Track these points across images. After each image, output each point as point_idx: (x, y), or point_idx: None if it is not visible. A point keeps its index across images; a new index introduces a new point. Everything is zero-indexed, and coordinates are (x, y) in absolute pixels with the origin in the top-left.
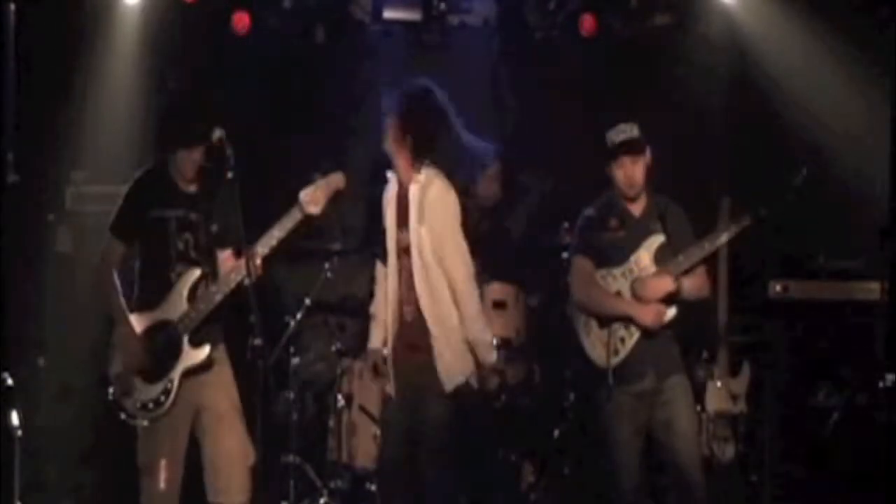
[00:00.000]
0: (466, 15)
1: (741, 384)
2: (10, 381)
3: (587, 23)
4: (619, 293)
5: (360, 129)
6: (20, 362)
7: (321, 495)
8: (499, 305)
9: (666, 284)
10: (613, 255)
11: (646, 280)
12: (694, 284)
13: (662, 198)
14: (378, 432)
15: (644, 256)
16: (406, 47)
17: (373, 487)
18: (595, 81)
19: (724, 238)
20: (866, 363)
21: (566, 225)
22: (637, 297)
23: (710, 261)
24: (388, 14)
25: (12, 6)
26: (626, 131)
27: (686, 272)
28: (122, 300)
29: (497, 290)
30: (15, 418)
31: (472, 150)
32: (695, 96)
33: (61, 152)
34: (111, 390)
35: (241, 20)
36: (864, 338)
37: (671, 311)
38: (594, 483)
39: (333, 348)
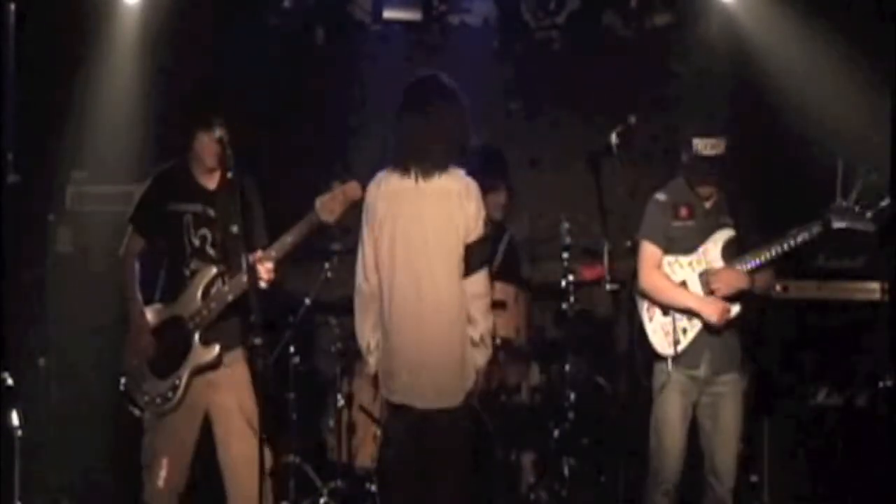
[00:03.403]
0: (466, 15)
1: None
2: (10, 381)
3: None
4: (684, 282)
5: (360, 129)
6: (20, 362)
7: (321, 495)
8: (499, 305)
9: (741, 281)
10: (682, 243)
11: (720, 273)
12: (764, 280)
13: (732, 190)
14: (378, 432)
15: (712, 248)
16: (406, 47)
17: (373, 487)
18: (594, 82)
19: (793, 243)
20: (866, 363)
21: (566, 225)
22: (709, 288)
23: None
24: (388, 14)
25: (12, 6)
26: (716, 147)
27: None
28: (137, 290)
29: (497, 290)
30: (15, 418)
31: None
32: (694, 96)
33: (61, 152)
34: (123, 381)
35: None
36: (863, 338)
37: (735, 309)
38: (594, 483)
39: (333, 348)
